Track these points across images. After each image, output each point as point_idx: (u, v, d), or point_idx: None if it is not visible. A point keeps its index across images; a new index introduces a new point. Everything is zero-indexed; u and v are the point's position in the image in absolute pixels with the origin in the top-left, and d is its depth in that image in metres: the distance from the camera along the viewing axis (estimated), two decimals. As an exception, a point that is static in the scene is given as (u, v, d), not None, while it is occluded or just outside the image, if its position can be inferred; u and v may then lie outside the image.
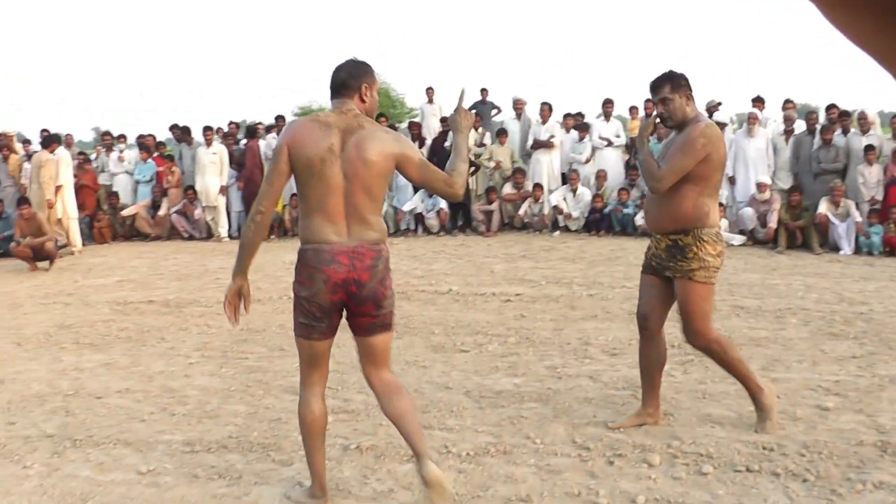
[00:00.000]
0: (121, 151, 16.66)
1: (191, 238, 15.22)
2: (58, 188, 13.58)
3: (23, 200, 12.53)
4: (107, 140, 16.91)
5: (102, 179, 16.49)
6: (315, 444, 3.86)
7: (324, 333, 3.76)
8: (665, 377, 5.53)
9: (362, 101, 3.71)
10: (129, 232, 15.72)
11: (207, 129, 15.34)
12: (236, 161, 15.32)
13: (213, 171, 15.00)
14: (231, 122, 16.70)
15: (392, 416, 3.78)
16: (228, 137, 15.96)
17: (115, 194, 16.07)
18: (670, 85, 4.52)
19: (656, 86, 4.58)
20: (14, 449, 4.82)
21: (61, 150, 14.23)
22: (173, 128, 16.85)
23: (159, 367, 6.39)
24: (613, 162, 14.46)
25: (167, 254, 13.38)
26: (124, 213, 15.69)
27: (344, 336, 3.81)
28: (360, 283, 3.57)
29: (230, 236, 15.07)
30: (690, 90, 4.56)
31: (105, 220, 15.51)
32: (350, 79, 3.69)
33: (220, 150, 15.17)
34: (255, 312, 8.16)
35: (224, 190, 15.10)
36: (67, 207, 13.83)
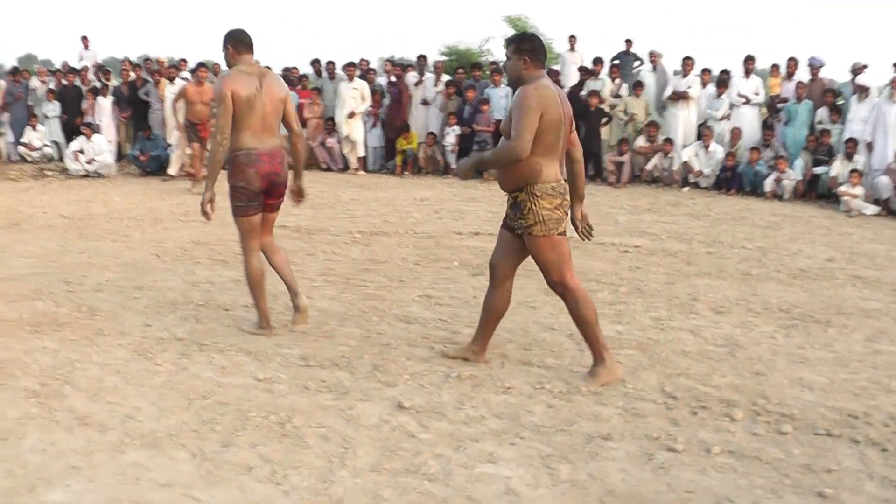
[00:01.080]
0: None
1: (328, 169, 15.68)
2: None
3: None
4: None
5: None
6: (260, 292, 5.63)
7: (256, 210, 5.54)
8: (767, 339, 5.59)
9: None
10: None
11: (350, 64, 15.67)
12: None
13: (353, 106, 15.33)
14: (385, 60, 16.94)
15: (275, 265, 5.82)
16: (370, 73, 16.30)
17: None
18: (514, 46, 4.77)
19: (505, 43, 4.96)
20: (148, 348, 5.28)
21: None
22: (315, 62, 17.29)
23: (284, 288, 6.76)
24: (749, 119, 14.05)
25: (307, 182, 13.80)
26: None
27: (455, 276, 4.02)
28: (277, 174, 5.54)
29: (366, 170, 15.46)
30: (534, 57, 4.73)
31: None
32: (251, 40, 5.64)
33: (361, 85, 15.48)
34: (380, 244, 8.50)
35: (354, 115, 15.44)
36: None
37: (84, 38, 20.40)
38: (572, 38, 16.86)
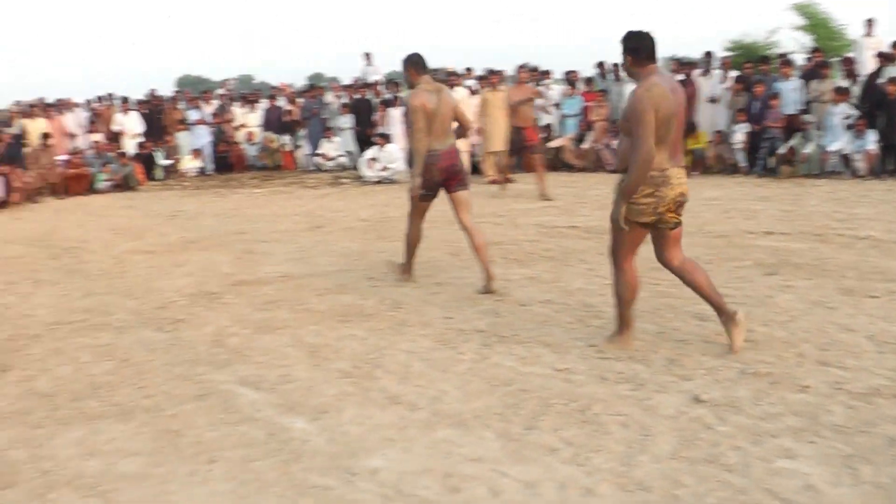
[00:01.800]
0: (547, 87, 17.59)
1: (614, 171, 15.70)
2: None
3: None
4: (534, 75, 17.91)
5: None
6: (412, 252, 7.47)
7: (431, 198, 7.21)
8: None
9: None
10: (554, 163, 16.63)
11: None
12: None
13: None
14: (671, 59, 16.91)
15: (476, 246, 7.01)
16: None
17: (548, 126, 17.05)
18: (622, 46, 5.06)
19: None
20: (451, 338, 5.66)
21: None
22: (600, 64, 17.44)
23: (578, 285, 6.97)
24: None
25: (591, 184, 14.02)
26: (551, 144, 16.61)
27: (747, 275, 4.04)
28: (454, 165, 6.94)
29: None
30: (636, 54, 4.99)
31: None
32: (426, 62, 7.02)
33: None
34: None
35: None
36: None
37: (367, 55, 21.68)
38: (869, 22, 15.92)
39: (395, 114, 17.39)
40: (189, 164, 19.11)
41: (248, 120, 20.39)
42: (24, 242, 11.14)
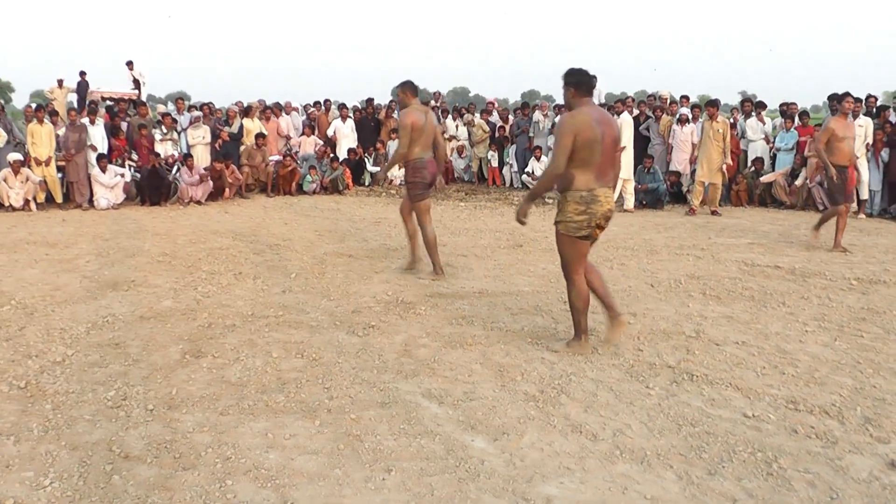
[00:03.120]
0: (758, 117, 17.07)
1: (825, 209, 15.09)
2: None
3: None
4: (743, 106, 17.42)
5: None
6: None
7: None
8: None
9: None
10: (764, 198, 16.10)
11: (856, 99, 14.92)
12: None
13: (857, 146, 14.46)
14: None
15: (428, 242, 8.62)
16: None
17: (759, 159, 16.54)
18: (564, 80, 5.93)
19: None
20: (640, 371, 5.61)
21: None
22: (832, 97, 16.73)
23: (776, 329, 6.74)
24: None
25: (798, 223, 13.47)
26: (763, 179, 16.08)
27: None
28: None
29: (867, 213, 14.64)
30: (578, 88, 5.81)
31: (743, 184, 16.10)
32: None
33: (865, 122, 14.64)
34: (878, 294, 8.09)
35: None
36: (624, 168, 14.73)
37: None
38: None
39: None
40: (396, 172, 19.64)
41: (459, 133, 20.81)
42: (231, 236, 11.82)
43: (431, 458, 4.25)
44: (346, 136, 19.94)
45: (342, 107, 21.17)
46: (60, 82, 23.52)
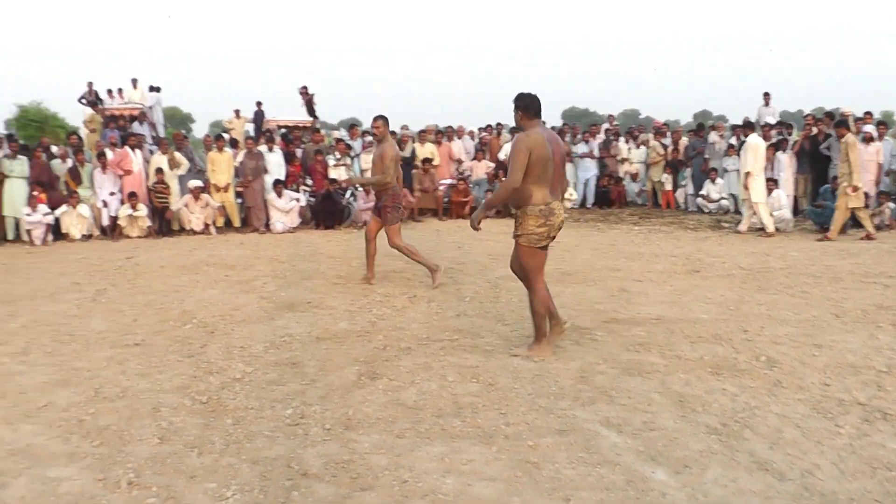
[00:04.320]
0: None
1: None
2: (748, 174, 14.47)
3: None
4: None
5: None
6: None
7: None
8: None
9: None
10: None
11: None
12: None
13: None
14: None
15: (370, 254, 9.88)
16: None
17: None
18: (514, 104, 6.57)
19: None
20: (828, 407, 5.39)
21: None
22: None
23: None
24: None
25: None
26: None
27: None
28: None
29: None
30: (526, 111, 6.49)
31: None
32: None
33: None
34: None
35: None
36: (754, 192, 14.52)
37: (766, 95, 21.08)
38: None
39: (784, 157, 16.73)
40: (570, 195, 19.58)
41: (633, 156, 20.61)
42: (404, 259, 11.65)
43: (611, 489, 4.22)
44: (518, 158, 19.87)
45: (514, 130, 21.27)
46: (237, 112, 24.67)
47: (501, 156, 19.89)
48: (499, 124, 21.64)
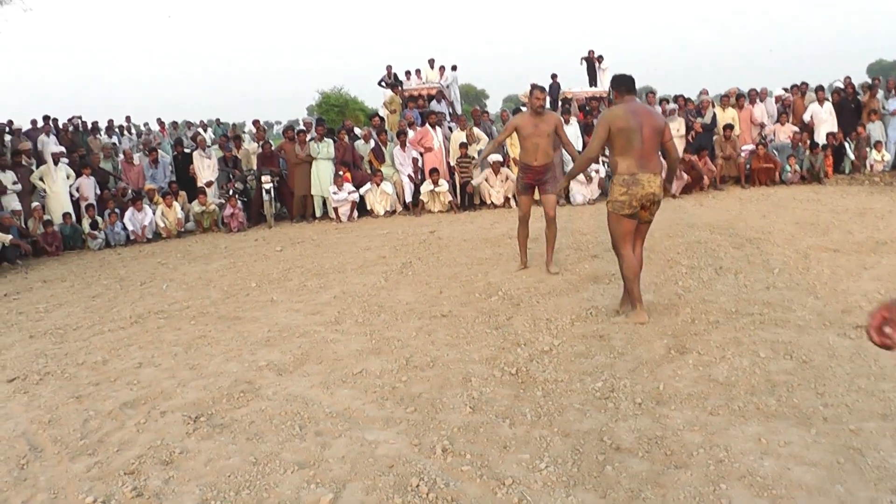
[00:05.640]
0: None
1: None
2: None
3: None
4: None
5: None
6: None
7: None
8: None
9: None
10: None
11: None
12: None
13: None
14: None
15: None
16: None
17: None
18: (610, 84, 7.10)
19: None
20: None
21: None
22: None
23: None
24: None
25: None
26: None
27: None
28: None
29: None
30: (618, 89, 6.85)
31: None
32: None
33: None
34: None
35: None
36: None
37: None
38: None
39: None
40: (875, 156, 18.00)
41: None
42: (707, 229, 11.64)
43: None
44: (824, 120, 18.56)
45: (819, 89, 19.83)
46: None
47: (806, 117, 18.71)
48: (803, 83, 20.21)
